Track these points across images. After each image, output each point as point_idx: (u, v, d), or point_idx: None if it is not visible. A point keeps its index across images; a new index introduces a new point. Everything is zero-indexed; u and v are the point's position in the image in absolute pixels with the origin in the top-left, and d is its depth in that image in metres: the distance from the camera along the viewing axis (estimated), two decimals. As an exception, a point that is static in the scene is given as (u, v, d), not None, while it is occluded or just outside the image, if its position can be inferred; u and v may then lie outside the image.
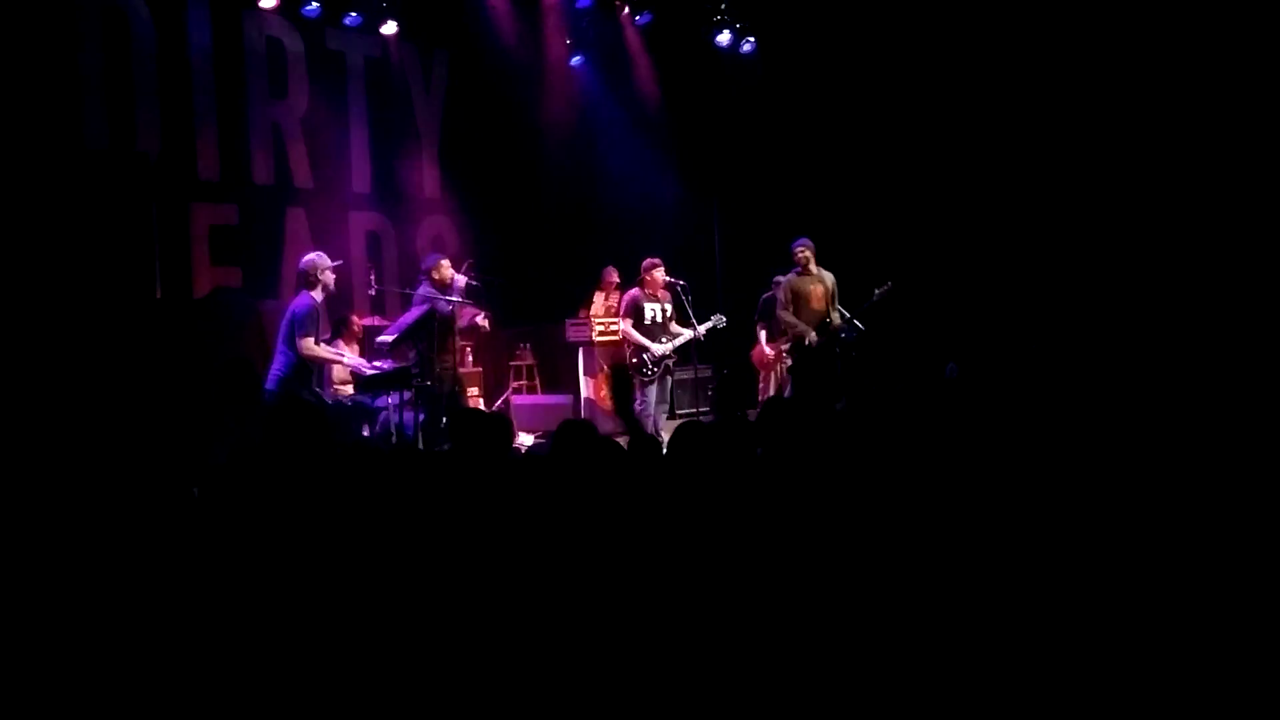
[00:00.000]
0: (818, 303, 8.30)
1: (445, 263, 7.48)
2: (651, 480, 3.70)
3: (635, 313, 8.03)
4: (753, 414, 5.84)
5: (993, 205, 10.08)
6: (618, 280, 9.42)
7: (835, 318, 8.29)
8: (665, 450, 4.07)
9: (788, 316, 8.32)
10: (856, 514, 3.32)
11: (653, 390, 7.96)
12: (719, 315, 8.31)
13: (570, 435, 3.70)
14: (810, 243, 8.33)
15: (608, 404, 9.16)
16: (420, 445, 6.89)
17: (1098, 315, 9.11)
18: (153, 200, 5.17)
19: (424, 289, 7.34)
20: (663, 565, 3.01)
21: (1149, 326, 8.54)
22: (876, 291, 8.34)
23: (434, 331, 7.15)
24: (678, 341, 8.10)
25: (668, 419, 8.24)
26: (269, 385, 6.64)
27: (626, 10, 10.14)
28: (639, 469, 3.87)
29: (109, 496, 4.10)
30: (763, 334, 9.00)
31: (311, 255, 6.96)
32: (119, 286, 4.71)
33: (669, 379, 8.24)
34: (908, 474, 3.66)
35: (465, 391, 7.86)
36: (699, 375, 8.39)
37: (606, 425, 8.94)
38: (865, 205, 10.46)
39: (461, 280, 7.41)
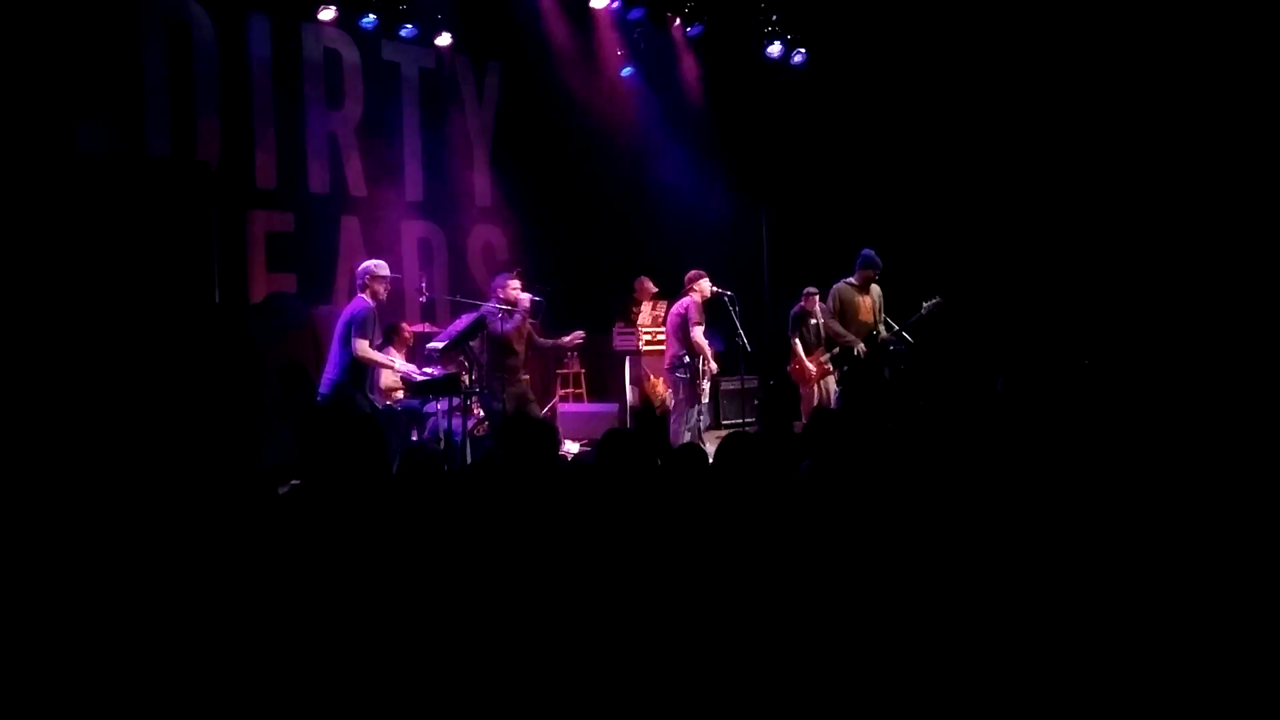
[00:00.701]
0: (865, 314, 8.28)
1: (514, 284, 7.53)
2: (697, 492, 3.71)
3: (703, 319, 8.14)
4: (798, 426, 5.83)
5: (1045, 219, 9.96)
6: (655, 290, 9.46)
7: (882, 330, 8.27)
8: (711, 461, 4.07)
9: (836, 326, 8.30)
10: (902, 528, 3.31)
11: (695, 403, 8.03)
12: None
13: (615, 445, 3.72)
14: (879, 263, 8.27)
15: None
16: (468, 451, 6.96)
17: (1151, 332, 8.97)
18: (212, 207, 5.28)
19: (489, 305, 7.42)
20: (706, 576, 3.02)
21: (1200, 344, 8.39)
22: (925, 305, 8.26)
23: (487, 343, 7.24)
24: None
25: (709, 429, 8.28)
26: (322, 389, 6.74)
27: (678, 22, 10.17)
28: (684, 480, 3.88)
29: (163, 495, 4.19)
30: (799, 347, 8.94)
31: (370, 262, 7.08)
32: (180, 290, 4.82)
33: (706, 388, 8.28)
34: (956, 489, 3.63)
35: (530, 408, 7.74)
36: (745, 386, 8.38)
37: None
38: (915, 217, 10.39)
39: (526, 299, 7.44)
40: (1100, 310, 9.38)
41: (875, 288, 8.35)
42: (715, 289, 8.13)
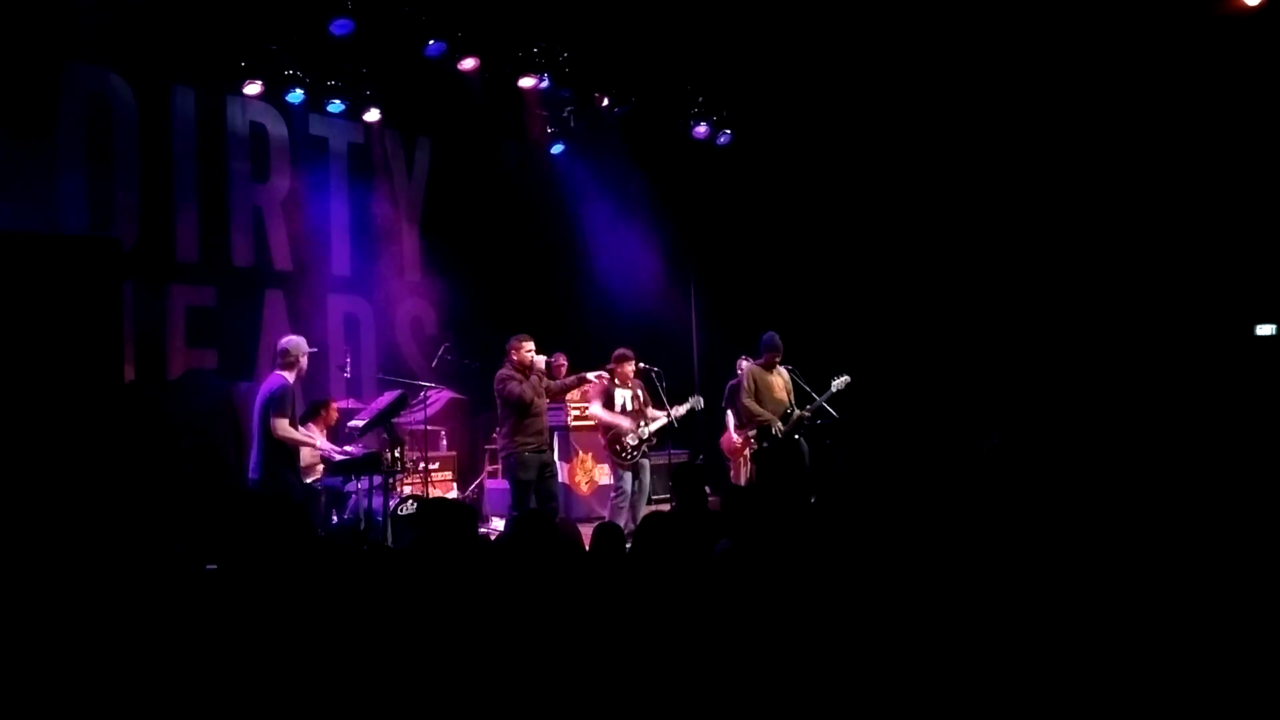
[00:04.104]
0: (780, 393, 8.37)
1: (528, 345, 7.18)
2: (614, 573, 3.66)
3: (606, 398, 8.04)
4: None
5: (968, 292, 10.20)
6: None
7: (797, 410, 8.35)
8: (631, 542, 4.03)
9: (753, 405, 8.35)
10: (825, 608, 3.29)
11: (628, 478, 7.89)
12: (696, 397, 8.32)
13: (529, 528, 3.67)
14: (779, 345, 8.40)
15: (582, 489, 9.11)
16: (389, 531, 6.81)
17: (1073, 408, 9.18)
18: (123, 284, 5.16)
19: (503, 370, 7.19)
20: (623, 659, 2.96)
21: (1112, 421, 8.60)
22: (834, 383, 8.38)
23: (504, 408, 7.11)
24: (654, 426, 8.07)
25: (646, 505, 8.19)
26: (252, 474, 6.51)
27: (606, 101, 10.31)
28: (602, 562, 3.83)
29: (71, 583, 4.02)
30: (730, 419, 9.01)
31: (294, 337, 6.95)
32: (84, 371, 4.68)
33: (646, 464, 8.14)
34: (877, 567, 3.63)
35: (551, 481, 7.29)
36: (673, 461, 8.34)
37: (580, 510, 8.88)
38: (841, 293, 10.58)
39: (541, 360, 7.24)
40: (1024, 388, 9.60)
41: (782, 369, 8.46)
42: (642, 365, 8.10)
